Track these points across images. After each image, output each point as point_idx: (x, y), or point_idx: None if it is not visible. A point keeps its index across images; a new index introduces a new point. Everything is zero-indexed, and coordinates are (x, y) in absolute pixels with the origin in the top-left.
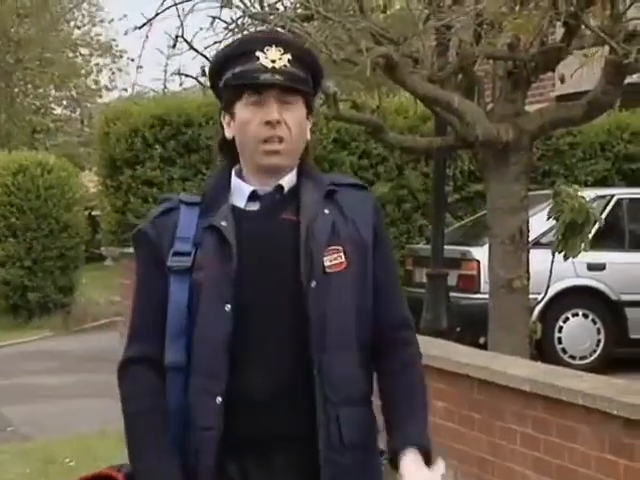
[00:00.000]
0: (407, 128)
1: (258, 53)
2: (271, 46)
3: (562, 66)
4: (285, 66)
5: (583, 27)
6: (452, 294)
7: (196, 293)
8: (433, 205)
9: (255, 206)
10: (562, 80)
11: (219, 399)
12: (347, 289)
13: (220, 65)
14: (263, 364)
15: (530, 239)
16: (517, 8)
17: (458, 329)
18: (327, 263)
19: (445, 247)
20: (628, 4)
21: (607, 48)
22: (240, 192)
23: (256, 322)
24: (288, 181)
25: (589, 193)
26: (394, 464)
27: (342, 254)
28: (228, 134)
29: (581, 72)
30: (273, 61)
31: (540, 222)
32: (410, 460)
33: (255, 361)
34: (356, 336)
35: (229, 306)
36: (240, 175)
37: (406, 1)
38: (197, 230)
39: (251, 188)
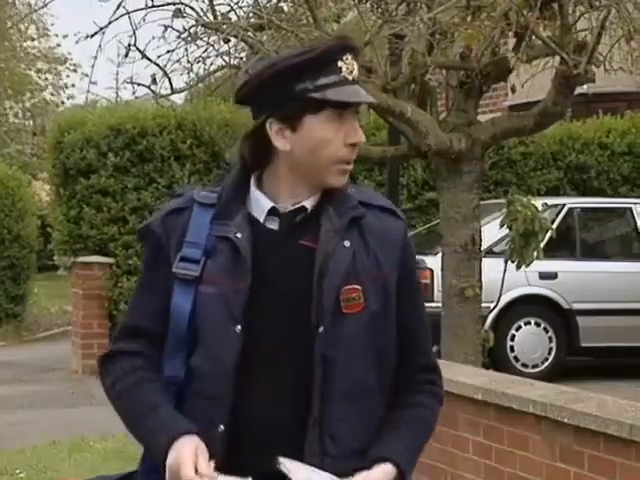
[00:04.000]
0: None
1: (340, 63)
2: (349, 53)
3: (514, 76)
4: (357, 75)
5: (534, 38)
6: None
7: (203, 307)
8: None
9: (274, 224)
10: (513, 90)
11: (222, 427)
12: (363, 332)
13: (292, 72)
14: (265, 397)
15: (483, 248)
16: (469, 18)
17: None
18: (342, 304)
19: None
20: (578, 16)
21: (558, 59)
22: (258, 205)
23: (262, 350)
24: (312, 201)
25: (541, 202)
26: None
27: (360, 293)
28: (281, 145)
29: (532, 82)
30: (351, 72)
31: (493, 231)
32: (376, 472)
33: (257, 392)
34: (377, 379)
35: (239, 327)
36: (259, 186)
37: (359, 11)
38: (209, 236)
39: (271, 204)
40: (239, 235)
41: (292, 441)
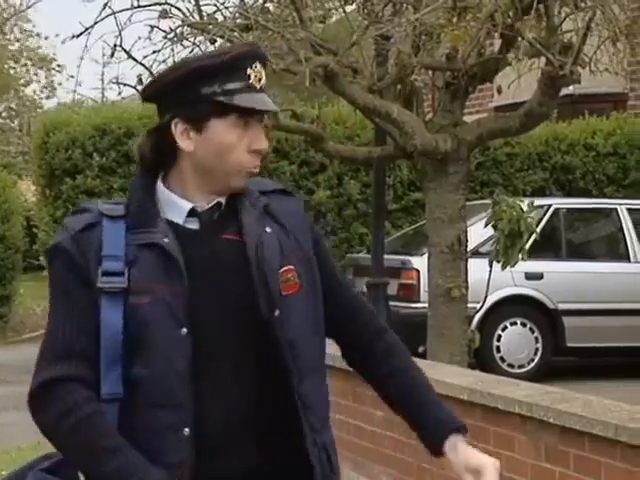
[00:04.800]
0: (346, 137)
1: (249, 71)
2: (258, 62)
3: (500, 77)
4: (265, 84)
5: (520, 39)
6: (392, 303)
7: (137, 318)
8: (373, 214)
9: (194, 224)
10: (499, 91)
11: (186, 430)
12: (305, 310)
13: (202, 75)
14: (226, 393)
15: (469, 248)
16: (455, 19)
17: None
18: (281, 286)
19: (385, 256)
20: (563, 17)
21: (543, 60)
22: (175, 207)
23: (214, 348)
24: (223, 197)
25: (527, 202)
26: (438, 451)
27: (295, 273)
28: (185, 146)
29: (518, 83)
30: (259, 80)
31: (479, 231)
32: (463, 444)
33: (216, 390)
34: (320, 352)
35: (185, 330)
36: (170, 188)
37: (345, 12)
38: (127, 247)
39: (190, 205)
40: (166, 240)
41: (269, 429)
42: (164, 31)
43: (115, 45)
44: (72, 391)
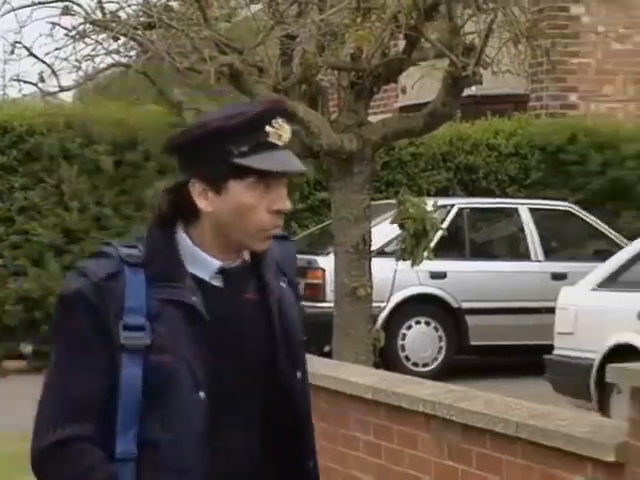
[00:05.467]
0: None
1: (268, 127)
2: (279, 117)
3: (404, 77)
4: (288, 139)
5: (424, 40)
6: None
7: (158, 377)
8: None
9: (219, 281)
10: (404, 91)
11: None
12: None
13: (222, 135)
14: (234, 454)
15: (374, 248)
16: (359, 20)
17: (327, 348)
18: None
19: None
20: (465, 19)
21: (447, 60)
22: (202, 263)
23: (225, 411)
24: (246, 253)
25: (431, 202)
26: None
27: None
28: (203, 206)
29: (422, 83)
30: (280, 136)
31: (384, 231)
32: None
33: (225, 452)
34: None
35: (202, 394)
36: (194, 243)
37: (250, 11)
38: (149, 300)
39: (219, 263)
40: (194, 298)
41: None
42: (66, 28)
43: (15, 42)
44: (88, 452)
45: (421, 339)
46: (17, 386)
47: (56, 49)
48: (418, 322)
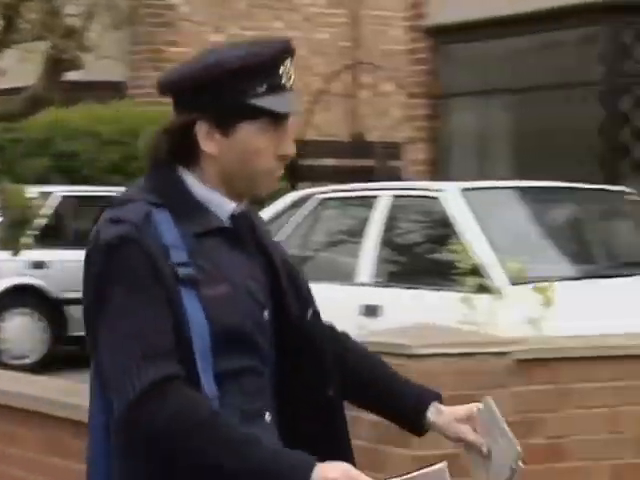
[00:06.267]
0: None
1: (281, 69)
2: (290, 58)
3: (2, 59)
4: (294, 81)
5: (22, 20)
6: None
7: (218, 309)
8: None
9: (229, 224)
10: (2, 74)
11: (267, 415)
12: None
13: (238, 75)
14: (289, 381)
15: None
16: None
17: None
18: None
19: None
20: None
21: (48, 43)
22: (216, 205)
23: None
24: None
25: (32, 190)
26: (420, 426)
27: None
28: (208, 148)
29: (21, 66)
30: (290, 78)
31: None
32: (443, 407)
33: (284, 376)
34: None
35: (267, 312)
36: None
37: None
38: (185, 237)
39: (233, 204)
40: (226, 224)
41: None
42: None
43: None
44: (188, 388)
45: (22, 331)
46: None
47: None
48: (18, 313)
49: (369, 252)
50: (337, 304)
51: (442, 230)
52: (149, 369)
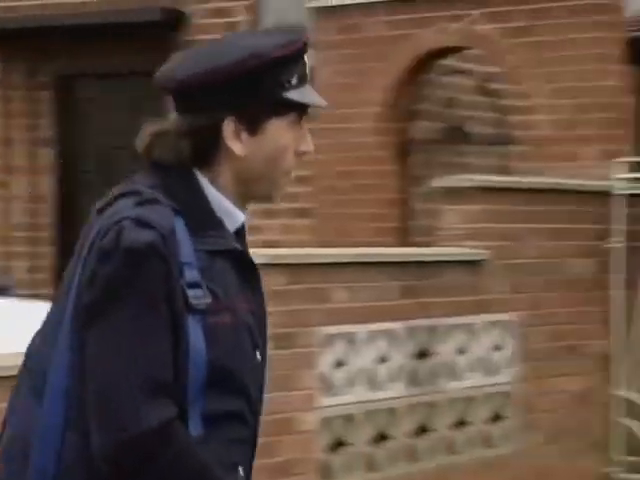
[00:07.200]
0: None
1: (305, 59)
2: (308, 49)
3: None
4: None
5: None
6: None
7: (219, 341)
8: None
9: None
10: None
11: (241, 470)
12: None
13: (276, 67)
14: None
15: None
16: None
17: None
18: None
19: None
20: None
21: None
22: (227, 215)
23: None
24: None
25: None
26: None
27: None
28: (237, 149)
29: None
30: (307, 68)
31: None
32: None
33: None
34: None
35: (258, 354)
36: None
37: None
38: (196, 252)
39: (242, 215)
40: (239, 247)
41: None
42: None
43: None
44: (183, 429)
45: None
46: None
47: None
48: None
49: None
50: None
51: None
52: (155, 407)
